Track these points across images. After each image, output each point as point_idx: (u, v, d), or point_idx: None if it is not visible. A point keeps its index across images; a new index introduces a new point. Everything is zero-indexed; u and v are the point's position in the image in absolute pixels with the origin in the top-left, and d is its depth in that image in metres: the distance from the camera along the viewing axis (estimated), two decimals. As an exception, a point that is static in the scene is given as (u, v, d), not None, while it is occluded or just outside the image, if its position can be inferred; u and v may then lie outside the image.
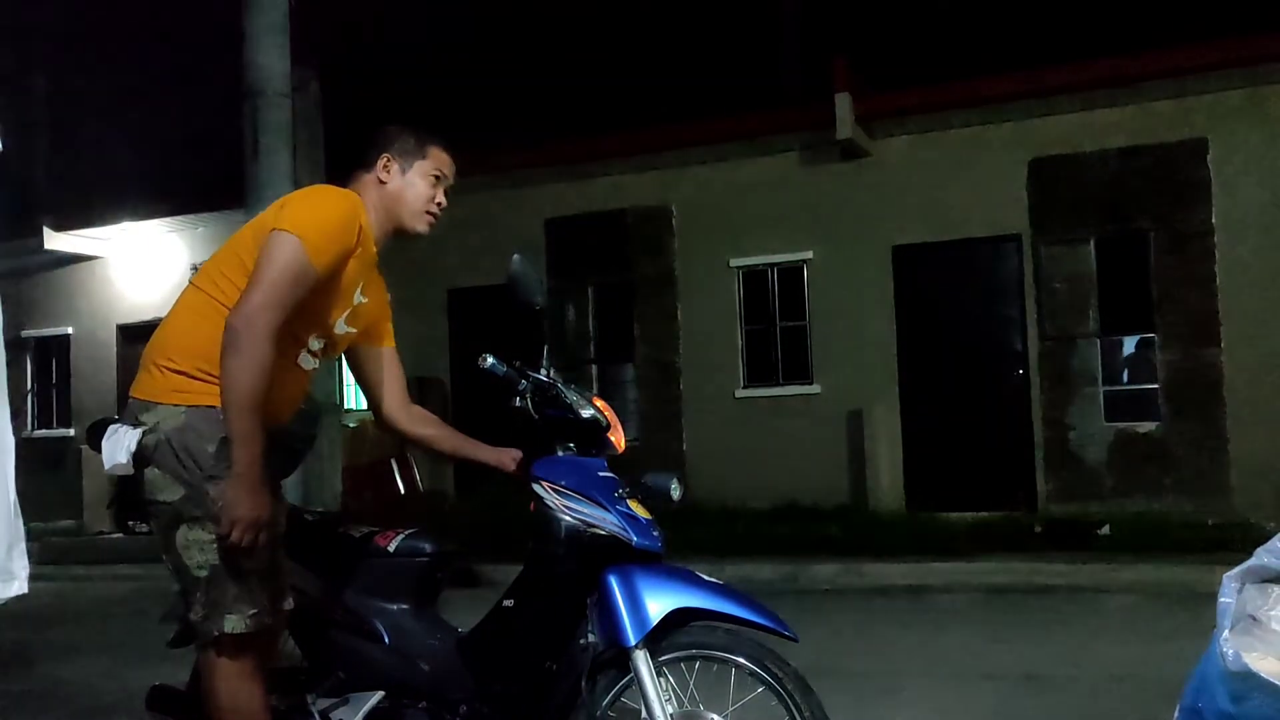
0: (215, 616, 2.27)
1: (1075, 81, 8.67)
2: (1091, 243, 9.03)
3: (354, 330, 2.60)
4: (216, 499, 2.23)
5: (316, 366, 2.56)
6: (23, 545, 1.87)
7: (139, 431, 2.29)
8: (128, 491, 2.39)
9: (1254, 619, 2.01)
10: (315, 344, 2.50)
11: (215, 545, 2.26)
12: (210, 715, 2.35)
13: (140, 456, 2.28)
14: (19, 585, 1.85)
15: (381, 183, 2.56)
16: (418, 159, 2.59)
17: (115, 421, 2.38)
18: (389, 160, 2.56)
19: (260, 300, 2.23)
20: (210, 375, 2.28)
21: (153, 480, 2.29)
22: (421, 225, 2.62)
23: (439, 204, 2.64)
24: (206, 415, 2.28)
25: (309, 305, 2.37)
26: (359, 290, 2.51)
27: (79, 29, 12.89)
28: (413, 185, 2.58)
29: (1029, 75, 8.76)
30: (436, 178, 2.62)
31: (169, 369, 2.33)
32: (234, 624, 2.27)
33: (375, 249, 2.55)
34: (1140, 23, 8.64)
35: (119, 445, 2.29)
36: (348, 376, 12.39)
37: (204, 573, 2.28)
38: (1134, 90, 8.68)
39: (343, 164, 2.66)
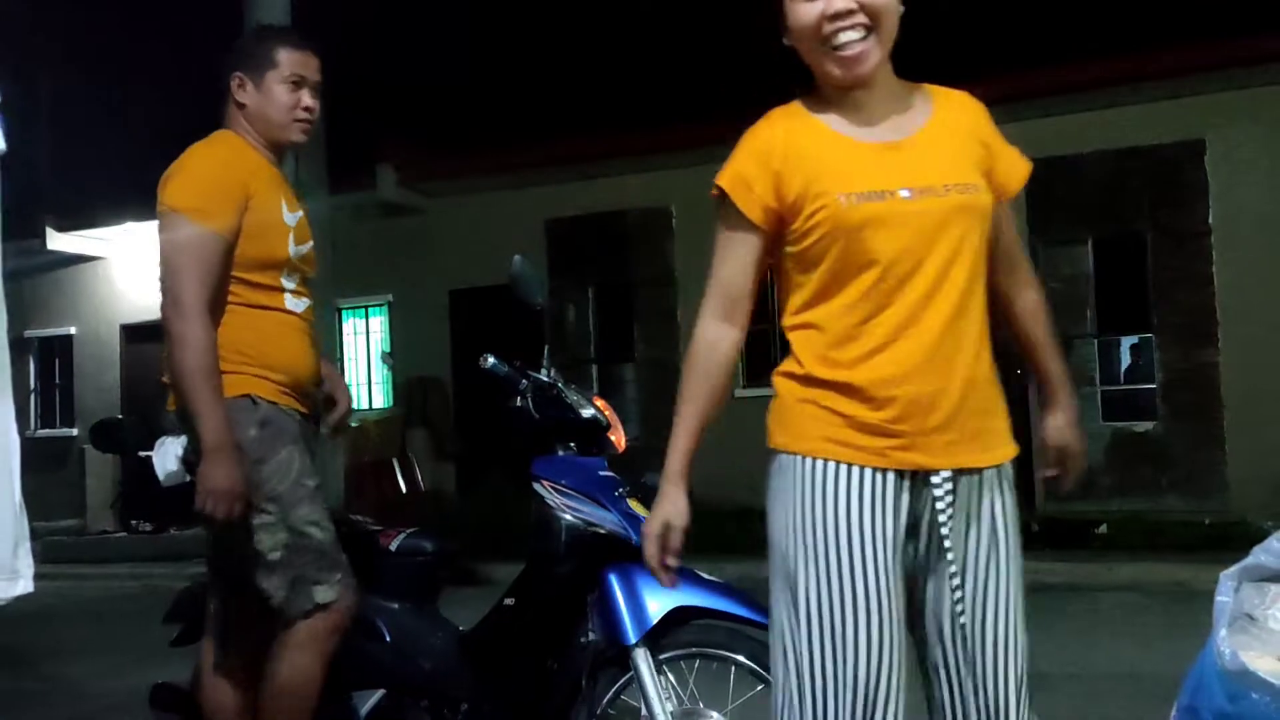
0: (302, 592, 2.27)
1: (1072, 82, 8.67)
2: (1089, 243, 9.04)
3: (311, 244, 2.51)
4: (268, 479, 2.24)
5: (310, 304, 2.49)
6: (28, 544, 1.88)
7: (184, 438, 2.30)
8: (131, 491, 2.41)
9: (1251, 618, 2.02)
10: (290, 281, 2.42)
11: (282, 526, 2.26)
12: (267, 695, 2.33)
13: (190, 461, 2.28)
14: (24, 584, 1.87)
15: (241, 105, 2.41)
16: (269, 68, 2.40)
17: (118, 420, 2.41)
18: (241, 79, 2.41)
19: (172, 286, 2.21)
20: (236, 364, 2.28)
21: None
22: (296, 135, 2.45)
23: (307, 108, 2.44)
24: (241, 405, 2.28)
25: (252, 253, 2.32)
26: (284, 211, 2.41)
27: (81, 28, 12.90)
28: (271, 97, 2.40)
29: (1026, 75, 8.76)
30: (295, 82, 2.41)
31: None
32: (324, 594, 2.28)
33: (275, 168, 2.46)
34: (1138, 23, 8.64)
35: (169, 455, 2.32)
36: (349, 376, 12.40)
37: (278, 554, 2.27)
38: (1131, 91, 8.68)
39: (344, 163, 2.65)
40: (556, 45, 11.07)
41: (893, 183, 1.61)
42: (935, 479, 1.61)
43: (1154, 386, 8.81)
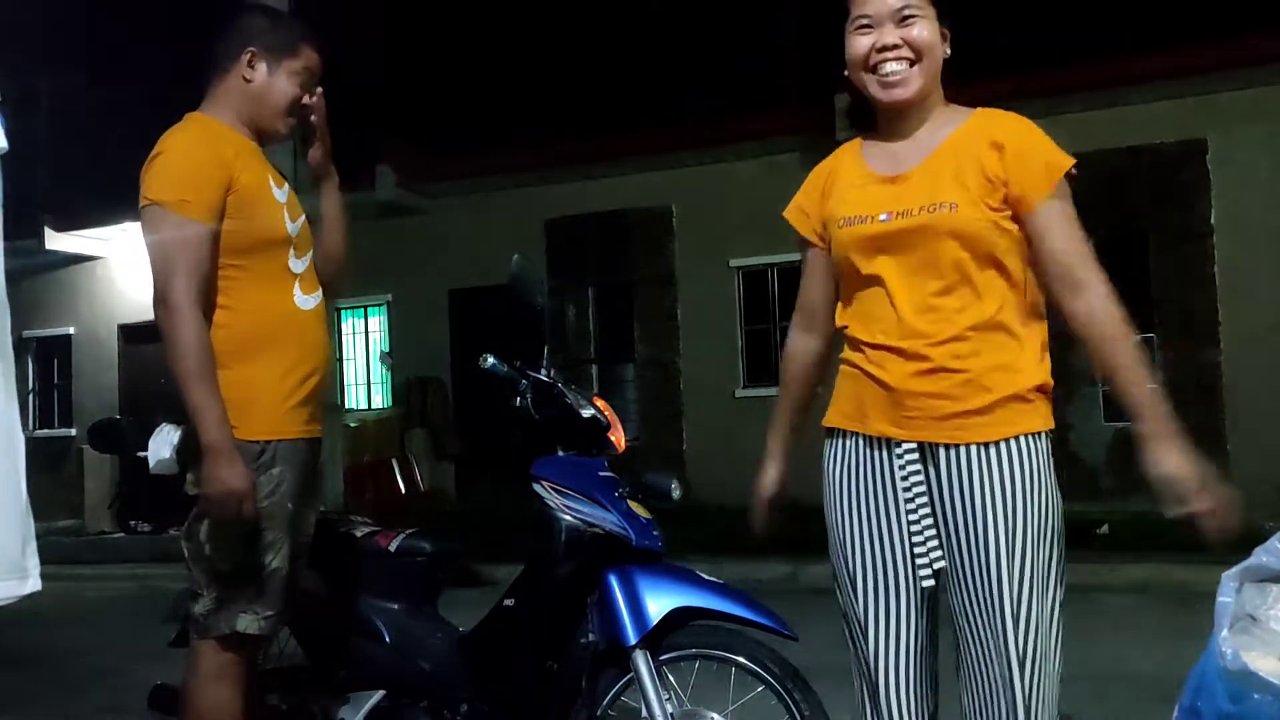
0: (226, 614, 2.22)
1: (1073, 82, 8.67)
2: (1090, 243, 9.02)
3: (304, 218, 2.45)
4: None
5: (321, 299, 2.43)
6: (33, 544, 1.88)
7: (183, 428, 2.24)
8: (129, 491, 2.39)
9: (1253, 618, 2.02)
10: (297, 264, 2.36)
11: (241, 540, 2.21)
12: (186, 715, 2.29)
13: (184, 452, 2.25)
14: (33, 582, 1.86)
15: (246, 81, 2.35)
16: (286, 57, 2.36)
17: (116, 420, 2.39)
18: (254, 56, 2.35)
19: (161, 279, 2.17)
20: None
21: (195, 476, 2.23)
22: (283, 127, 2.41)
23: (305, 106, 2.42)
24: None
25: (252, 234, 2.26)
26: (273, 186, 2.35)
27: (81, 28, 12.90)
28: (279, 86, 2.36)
29: (1027, 77, 8.76)
30: (304, 78, 2.39)
31: None
32: (247, 624, 2.22)
33: (255, 145, 2.40)
34: (1139, 23, 8.64)
35: (164, 442, 2.26)
36: (349, 376, 12.41)
37: (226, 566, 2.23)
38: (1133, 91, 8.68)
39: (344, 163, 2.61)
40: (557, 46, 11.06)
41: (875, 208, 1.90)
42: (899, 449, 1.87)
43: (1155, 387, 8.80)
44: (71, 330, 13.44)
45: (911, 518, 1.87)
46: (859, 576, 1.93)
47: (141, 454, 2.32)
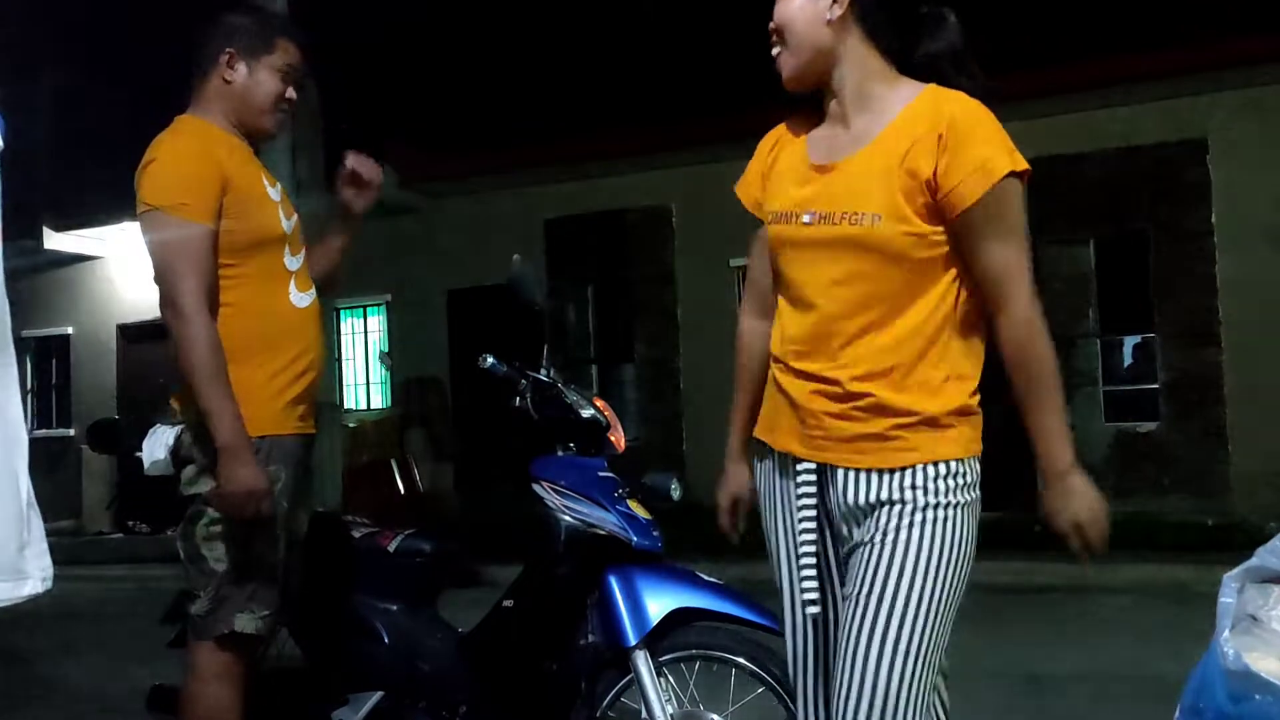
0: (224, 614, 2.23)
1: (1074, 81, 8.65)
2: (1090, 243, 9.03)
3: (296, 217, 2.48)
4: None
5: (314, 300, 2.45)
6: (43, 544, 1.85)
7: (177, 428, 2.27)
8: (128, 492, 2.39)
9: (1254, 619, 2.01)
10: (292, 261, 2.39)
11: (235, 539, 2.22)
12: (185, 715, 2.30)
13: (178, 453, 2.26)
14: (32, 585, 1.84)
15: (226, 82, 2.37)
16: (264, 54, 2.38)
17: (115, 420, 2.39)
18: (233, 56, 2.37)
19: (168, 283, 2.18)
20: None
21: (188, 476, 2.26)
22: (270, 124, 2.44)
23: (290, 100, 2.44)
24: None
25: (247, 234, 2.28)
26: (266, 185, 2.38)
27: (80, 27, 12.89)
28: (261, 83, 2.38)
29: (1027, 75, 8.74)
30: (285, 73, 2.41)
31: None
32: (245, 623, 2.23)
33: (246, 145, 2.43)
34: (1139, 23, 8.64)
35: (158, 443, 2.27)
36: (348, 376, 12.40)
37: (221, 566, 2.24)
38: (1133, 90, 8.67)
39: (342, 163, 2.60)
40: (556, 45, 11.06)
41: (801, 206, 1.76)
42: (798, 468, 1.78)
43: (1156, 386, 8.80)
44: (70, 330, 13.43)
45: (798, 544, 1.79)
46: (781, 590, 1.90)
47: (139, 454, 2.33)
